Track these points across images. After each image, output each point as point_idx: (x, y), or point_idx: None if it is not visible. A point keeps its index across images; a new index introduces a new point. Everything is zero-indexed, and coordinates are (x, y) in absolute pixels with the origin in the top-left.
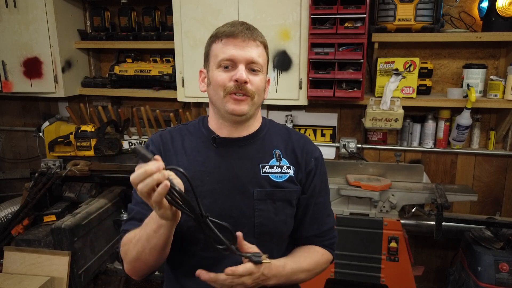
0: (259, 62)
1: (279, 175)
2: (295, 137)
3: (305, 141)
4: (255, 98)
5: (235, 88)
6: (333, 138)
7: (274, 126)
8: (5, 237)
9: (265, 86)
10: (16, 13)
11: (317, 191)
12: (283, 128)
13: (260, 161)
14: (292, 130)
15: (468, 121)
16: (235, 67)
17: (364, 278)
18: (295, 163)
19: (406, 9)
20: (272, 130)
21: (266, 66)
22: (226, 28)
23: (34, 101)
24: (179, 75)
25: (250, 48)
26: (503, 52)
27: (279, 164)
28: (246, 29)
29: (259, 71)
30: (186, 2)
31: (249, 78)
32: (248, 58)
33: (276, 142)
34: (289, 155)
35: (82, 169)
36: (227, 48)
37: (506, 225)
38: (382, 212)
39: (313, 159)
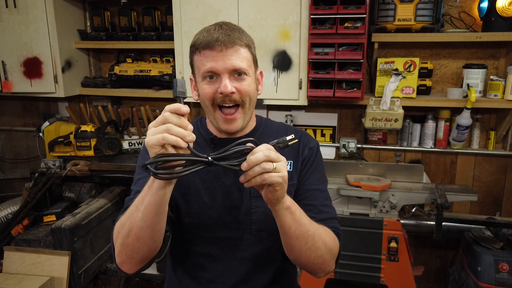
0: (243, 67)
1: None
2: (292, 132)
3: (301, 134)
4: (246, 104)
5: (222, 99)
6: (333, 138)
7: (271, 124)
8: (5, 237)
9: (256, 86)
10: (16, 13)
11: (311, 178)
12: (281, 125)
13: None
14: (290, 127)
15: (468, 121)
16: (219, 78)
17: (364, 278)
18: (292, 156)
19: (406, 9)
20: (268, 129)
21: (253, 64)
22: (202, 38)
23: (34, 101)
24: (179, 75)
25: (230, 56)
26: (503, 52)
27: None
28: (223, 35)
29: (245, 74)
30: (186, 2)
31: (236, 86)
32: (230, 67)
33: (273, 139)
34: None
35: (82, 169)
36: (206, 61)
37: (506, 225)
38: (382, 212)
39: (308, 148)
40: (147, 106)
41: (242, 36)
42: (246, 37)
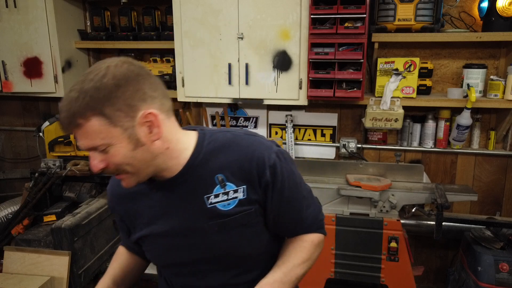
0: (93, 145)
1: (227, 202)
2: (241, 148)
3: (254, 149)
4: (128, 171)
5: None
6: (333, 138)
7: (214, 143)
8: (5, 237)
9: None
10: (16, 13)
11: (285, 199)
12: (230, 138)
13: (204, 192)
14: (239, 139)
15: (468, 121)
16: None
17: (364, 278)
18: (246, 180)
19: (406, 9)
20: (211, 152)
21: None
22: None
23: (34, 101)
24: (179, 75)
25: (79, 137)
26: (503, 52)
27: (224, 190)
28: (64, 116)
29: (106, 147)
30: (186, 2)
31: (105, 160)
32: (86, 148)
33: (218, 164)
34: (236, 173)
35: (82, 169)
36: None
37: (506, 225)
38: (382, 212)
39: (267, 169)
40: None
41: (84, 106)
42: (90, 103)
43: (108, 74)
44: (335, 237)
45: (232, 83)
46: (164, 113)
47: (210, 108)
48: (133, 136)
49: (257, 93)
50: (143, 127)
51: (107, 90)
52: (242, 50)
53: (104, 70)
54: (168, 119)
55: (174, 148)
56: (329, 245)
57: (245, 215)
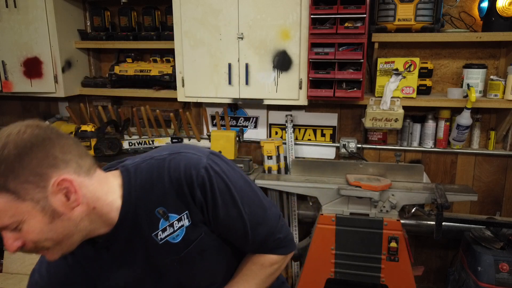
0: (6, 223)
1: (175, 234)
2: (169, 172)
3: (182, 169)
4: (47, 245)
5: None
6: (333, 138)
7: (141, 176)
8: None
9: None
10: (16, 13)
11: (221, 218)
12: (155, 166)
13: (151, 231)
14: (165, 163)
15: (468, 121)
16: None
17: (364, 278)
18: (184, 204)
19: (406, 9)
20: (141, 188)
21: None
22: None
23: (34, 101)
24: (179, 75)
25: None
26: (503, 52)
27: (169, 222)
28: None
29: (18, 225)
30: (186, 2)
31: (21, 238)
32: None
33: (153, 197)
34: (174, 201)
35: None
36: None
37: (506, 225)
38: (382, 212)
39: (197, 188)
40: (147, 106)
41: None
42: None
43: (9, 144)
44: (335, 237)
45: (232, 83)
46: (83, 174)
47: (210, 108)
48: (48, 208)
49: (257, 93)
50: (58, 195)
51: (9, 162)
52: (242, 50)
53: (4, 139)
54: (89, 178)
55: (102, 204)
56: (329, 245)
57: (198, 243)
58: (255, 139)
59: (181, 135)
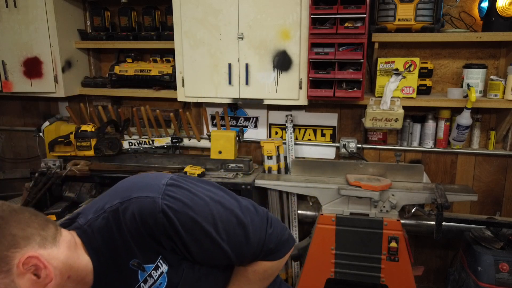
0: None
1: (158, 283)
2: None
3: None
4: None
5: None
6: (333, 138)
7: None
8: None
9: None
10: (16, 13)
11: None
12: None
13: (133, 284)
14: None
15: (468, 121)
16: None
17: (364, 278)
18: (155, 252)
19: (406, 9)
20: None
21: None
22: None
23: (34, 101)
24: (179, 75)
25: None
26: (503, 52)
27: (147, 273)
28: None
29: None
30: (186, 2)
31: None
32: None
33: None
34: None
35: (82, 169)
36: None
37: (506, 225)
38: (382, 212)
39: (161, 235)
40: (147, 106)
41: None
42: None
43: None
44: (335, 237)
45: (232, 83)
46: (49, 245)
47: (210, 108)
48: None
49: (257, 93)
50: (27, 275)
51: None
52: (242, 50)
53: None
54: (57, 247)
55: (77, 270)
56: (329, 245)
57: (185, 280)
58: (255, 139)
59: (181, 135)
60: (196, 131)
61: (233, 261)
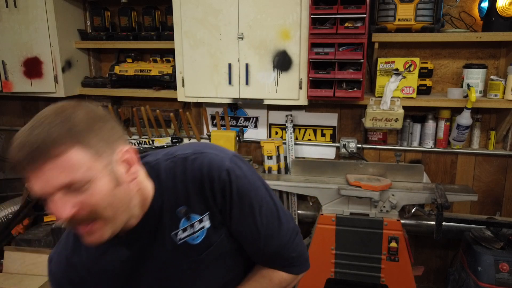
0: (76, 179)
1: (196, 235)
2: (193, 172)
3: (203, 171)
4: (106, 215)
5: (69, 223)
6: (333, 138)
7: (168, 174)
8: (5, 237)
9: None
10: (16, 13)
11: (242, 220)
12: (179, 164)
13: (170, 229)
14: (188, 161)
15: (468, 121)
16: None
17: (364, 278)
18: (206, 205)
19: (406, 9)
20: (168, 184)
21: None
22: (12, 156)
23: (34, 101)
24: (179, 75)
25: (50, 173)
26: (503, 52)
27: (190, 222)
28: (35, 149)
29: (85, 184)
30: (186, 2)
31: (78, 201)
32: (50, 192)
33: (176, 195)
34: (196, 201)
35: None
36: (28, 180)
37: (506, 225)
38: (382, 212)
39: (219, 190)
40: (147, 106)
41: (64, 135)
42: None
43: (85, 108)
44: (335, 237)
45: (232, 83)
46: None
47: (210, 108)
48: (113, 174)
49: (257, 93)
50: (122, 164)
51: (86, 121)
52: (242, 50)
53: (72, 108)
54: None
55: (144, 188)
56: (329, 245)
57: (218, 245)
58: (255, 139)
59: (181, 135)
60: (196, 131)
61: (258, 246)
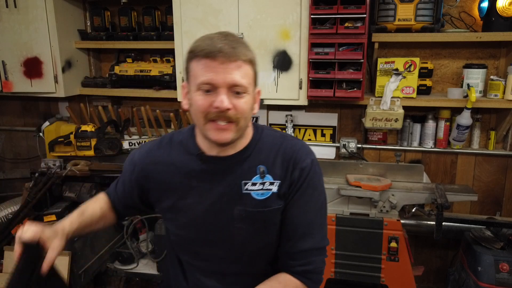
0: (243, 84)
1: (261, 192)
2: (287, 147)
3: (295, 150)
4: (240, 123)
5: (216, 115)
6: (333, 138)
7: (267, 137)
8: (5, 237)
9: (252, 106)
10: (16, 13)
11: (295, 206)
12: (278, 137)
13: (243, 177)
14: (287, 139)
15: (468, 121)
16: (215, 91)
17: (364, 278)
18: (282, 176)
19: (406, 9)
20: (263, 144)
21: (253, 83)
22: (204, 45)
23: (34, 101)
24: (179, 75)
25: (231, 70)
26: (503, 52)
27: (262, 180)
28: (227, 46)
29: (244, 92)
30: (186, 2)
31: (233, 103)
32: (230, 82)
33: (264, 156)
34: (277, 168)
35: (82, 169)
36: (205, 70)
37: (506, 225)
38: (382, 212)
39: (299, 170)
40: (147, 106)
41: (247, 51)
42: (250, 52)
43: None
44: (335, 237)
45: None
46: None
47: None
48: (253, 99)
49: None
50: (256, 98)
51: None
52: None
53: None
54: None
55: (249, 130)
56: (329, 245)
57: (274, 210)
58: None
59: None
60: None
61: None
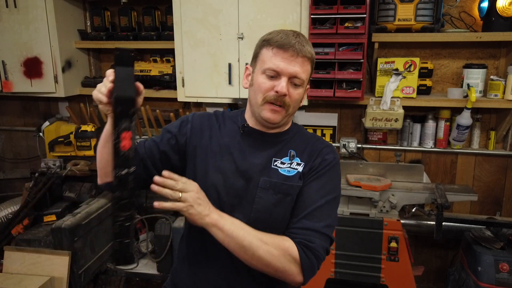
0: (302, 77)
1: (288, 169)
2: (317, 143)
3: (323, 147)
4: (290, 109)
5: (274, 98)
6: (333, 138)
7: (303, 132)
8: (5, 237)
9: (302, 98)
10: (16, 13)
11: (310, 186)
12: (312, 135)
13: (275, 155)
14: (320, 139)
15: (468, 121)
16: (278, 78)
17: (364, 278)
18: (306, 160)
19: (406, 9)
20: (299, 136)
21: (308, 79)
22: (279, 38)
23: (34, 101)
24: (179, 75)
25: (296, 63)
26: (503, 52)
27: (290, 162)
28: (298, 44)
29: (300, 85)
30: (186, 2)
31: (289, 91)
32: (292, 73)
33: (297, 144)
34: (305, 155)
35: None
36: (275, 59)
37: (506, 225)
38: (382, 212)
39: (321, 158)
40: (147, 106)
41: (312, 51)
42: (313, 53)
43: None
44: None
45: (232, 83)
46: None
47: (210, 108)
48: (304, 93)
49: None
50: (305, 91)
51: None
52: (242, 50)
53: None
54: None
55: (290, 121)
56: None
57: (295, 187)
58: None
59: None
60: None
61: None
